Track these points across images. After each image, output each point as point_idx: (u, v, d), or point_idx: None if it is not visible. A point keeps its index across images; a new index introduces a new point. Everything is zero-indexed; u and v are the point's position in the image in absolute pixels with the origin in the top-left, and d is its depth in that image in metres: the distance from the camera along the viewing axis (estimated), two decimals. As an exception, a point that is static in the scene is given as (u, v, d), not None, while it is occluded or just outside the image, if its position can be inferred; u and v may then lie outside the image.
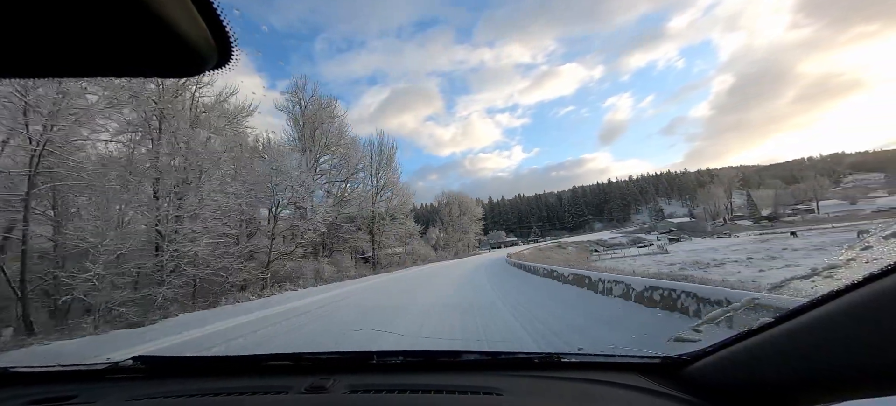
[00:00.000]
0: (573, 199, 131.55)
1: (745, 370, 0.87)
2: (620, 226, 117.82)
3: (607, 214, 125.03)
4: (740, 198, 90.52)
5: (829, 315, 0.69)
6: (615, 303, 6.65)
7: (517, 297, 9.07)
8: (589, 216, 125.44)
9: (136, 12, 0.34)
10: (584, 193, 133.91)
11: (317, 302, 10.98)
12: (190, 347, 6.02)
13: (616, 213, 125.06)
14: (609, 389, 1.04)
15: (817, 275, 1.68)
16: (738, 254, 29.00)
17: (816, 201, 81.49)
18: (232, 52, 0.43)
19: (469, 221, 53.41)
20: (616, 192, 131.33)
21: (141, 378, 1.26)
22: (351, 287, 16.36)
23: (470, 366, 1.24)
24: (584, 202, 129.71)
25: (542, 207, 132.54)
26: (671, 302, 5.24)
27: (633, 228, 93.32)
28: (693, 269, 20.91)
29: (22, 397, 1.14)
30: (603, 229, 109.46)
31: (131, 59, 0.40)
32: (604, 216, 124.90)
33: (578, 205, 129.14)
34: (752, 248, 33.49)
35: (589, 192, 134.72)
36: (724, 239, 48.92)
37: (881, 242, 1.80)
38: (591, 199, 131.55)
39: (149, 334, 7.40)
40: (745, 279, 11.86)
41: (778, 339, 0.79)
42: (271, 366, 1.28)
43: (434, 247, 46.96)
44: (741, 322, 2.14)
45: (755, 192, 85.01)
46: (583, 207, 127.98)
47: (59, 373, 1.32)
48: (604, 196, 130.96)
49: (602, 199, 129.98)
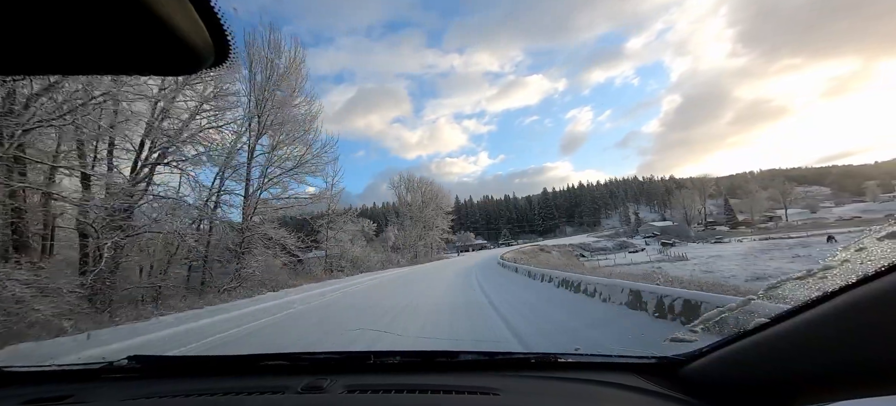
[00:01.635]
0: (544, 202, 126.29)
1: (741, 370, 0.87)
2: (591, 230, 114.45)
3: (578, 218, 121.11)
4: (711, 204, 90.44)
5: (825, 315, 0.69)
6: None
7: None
8: (559, 220, 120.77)
9: (134, 10, 0.34)
10: (554, 196, 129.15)
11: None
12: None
13: (586, 217, 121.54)
14: (606, 389, 1.02)
15: (812, 276, 1.02)
16: (790, 263, 22.22)
17: (785, 209, 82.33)
18: (230, 50, 0.43)
19: (435, 214, 42.37)
20: (587, 196, 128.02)
21: (136, 378, 1.25)
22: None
23: (467, 366, 1.23)
24: (554, 205, 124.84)
25: (511, 210, 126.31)
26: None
27: (609, 233, 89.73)
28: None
29: (16, 397, 1.12)
30: (574, 233, 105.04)
31: (130, 57, 0.40)
32: (574, 220, 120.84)
33: (549, 208, 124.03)
34: (788, 253, 27.28)
35: (560, 195, 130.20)
36: (725, 245, 43.90)
37: (876, 244, 0.88)
38: (562, 202, 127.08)
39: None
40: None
41: (774, 340, 0.79)
42: (268, 365, 1.25)
43: (394, 248, 37.44)
44: (737, 323, 2.00)
45: (732, 199, 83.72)
46: (553, 211, 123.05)
47: (53, 372, 1.32)
48: (575, 200, 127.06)
49: (573, 203, 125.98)
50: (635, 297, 5.68)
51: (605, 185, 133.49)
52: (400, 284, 15.36)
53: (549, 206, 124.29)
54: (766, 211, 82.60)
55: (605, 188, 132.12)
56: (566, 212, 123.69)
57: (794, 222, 73.88)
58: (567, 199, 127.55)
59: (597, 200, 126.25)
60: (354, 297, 12.05)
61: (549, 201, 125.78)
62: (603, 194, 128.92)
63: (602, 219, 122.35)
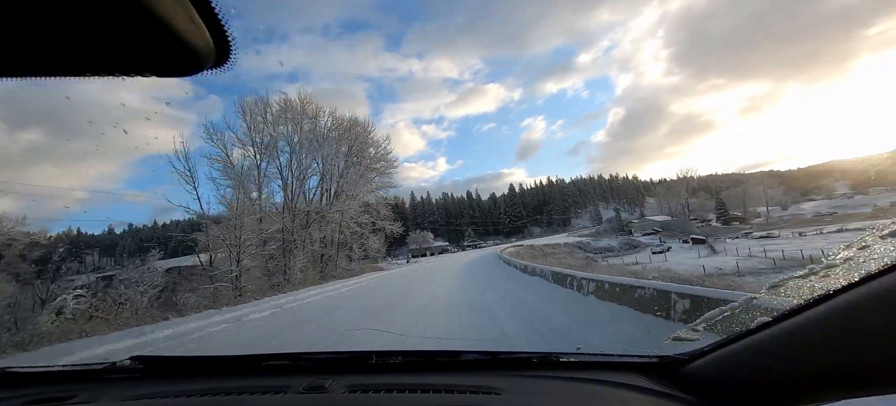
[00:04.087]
0: (510, 200, 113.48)
1: (743, 369, 0.86)
2: (562, 229, 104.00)
3: (547, 217, 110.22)
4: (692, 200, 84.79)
5: (827, 314, 0.69)
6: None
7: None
8: (527, 219, 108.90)
9: (134, 11, 0.34)
10: (522, 194, 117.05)
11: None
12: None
13: (556, 215, 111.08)
14: (607, 389, 1.02)
15: (815, 274, 1.06)
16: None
17: (766, 206, 77.99)
18: (231, 51, 0.42)
19: (363, 183, 25.29)
20: (556, 193, 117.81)
21: (139, 378, 1.24)
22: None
23: (469, 365, 1.22)
24: (521, 203, 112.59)
25: (474, 208, 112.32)
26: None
27: (589, 231, 78.84)
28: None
29: (20, 398, 1.12)
30: (542, 234, 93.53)
31: (131, 58, 0.40)
32: (542, 219, 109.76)
33: (516, 206, 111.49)
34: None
35: (528, 193, 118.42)
36: (763, 240, 32.82)
37: (879, 242, 0.88)
38: (530, 200, 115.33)
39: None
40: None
41: (776, 339, 0.78)
42: (270, 365, 1.25)
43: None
44: (738, 321, 1.80)
45: (724, 194, 77.08)
46: (521, 209, 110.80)
47: (57, 373, 1.30)
48: (543, 198, 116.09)
49: (541, 202, 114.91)
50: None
51: (573, 183, 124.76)
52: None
53: (515, 203, 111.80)
54: (750, 208, 77.41)
55: (573, 186, 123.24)
56: (534, 210, 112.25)
57: (780, 219, 69.28)
58: (535, 198, 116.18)
59: (567, 198, 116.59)
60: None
61: (517, 199, 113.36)
62: (572, 192, 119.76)
63: (572, 218, 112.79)
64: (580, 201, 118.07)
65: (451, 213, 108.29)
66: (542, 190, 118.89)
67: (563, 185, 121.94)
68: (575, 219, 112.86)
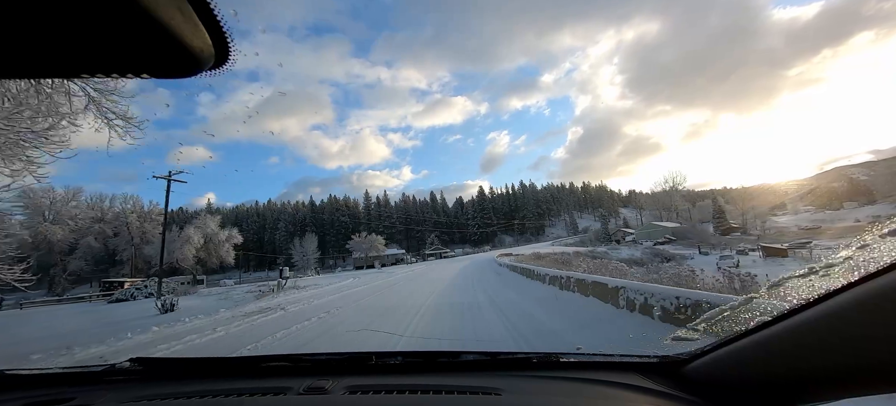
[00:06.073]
0: (480, 205, 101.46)
1: (743, 368, 0.86)
2: (535, 238, 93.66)
3: (519, 225, 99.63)
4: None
5: (826, 314, 0.69)
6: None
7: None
8: (497, 226, 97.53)
9: (134, 12, 0.34)
10: (492, 199, 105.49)
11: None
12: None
13: (530, 222, 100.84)
14: (608, 389, 1.01)
15: (815, 274, 1.04)
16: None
17: (743, 217, 74.09)
18: (229, 53, 0.43)
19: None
20: (530, 199, 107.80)
21: (138, 380, 1.22)
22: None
23: (469, 366, 1.22)
24: (492, 209, 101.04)
25: (439, 213, 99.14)
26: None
27: (573, 239, 68.76)
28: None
29: (18, 400, 1.10)
30: (513, 244, 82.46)
31: (131, 59, 0.40)
32: (514, 228, 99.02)
33: (486, 211, 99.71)
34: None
35: (498, 198, 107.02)
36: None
37: (878, 241, 0.85)
38: (501, 206, 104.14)
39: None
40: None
41: (776, 338, 0.78)
42: (270, 367, 1.24)
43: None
44: (738, 321, 1.62)
45: (724, 205, 71.67)
46: (491, 215, 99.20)
47: (55, 375, 1.28)
48: (515, 204, 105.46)
49: (512, 208, 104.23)
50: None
51: (546, 189, 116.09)
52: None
53: (485, 210, 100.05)
54: (733, 220, 72.45)
55: (546, 192, 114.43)
56: (506, 217, 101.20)
57: (766, 231, 64.56)
58: (506, 204, 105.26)
59: (541, 205, 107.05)
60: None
61: (487, 205, 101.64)
62: (546, 198, 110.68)
63: (546, 226, 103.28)
64: (553, 209, 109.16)
65: (412, 219, 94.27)
66: (515, 195, 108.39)
67: (535, 191, 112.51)
68: (549, 227, 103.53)
